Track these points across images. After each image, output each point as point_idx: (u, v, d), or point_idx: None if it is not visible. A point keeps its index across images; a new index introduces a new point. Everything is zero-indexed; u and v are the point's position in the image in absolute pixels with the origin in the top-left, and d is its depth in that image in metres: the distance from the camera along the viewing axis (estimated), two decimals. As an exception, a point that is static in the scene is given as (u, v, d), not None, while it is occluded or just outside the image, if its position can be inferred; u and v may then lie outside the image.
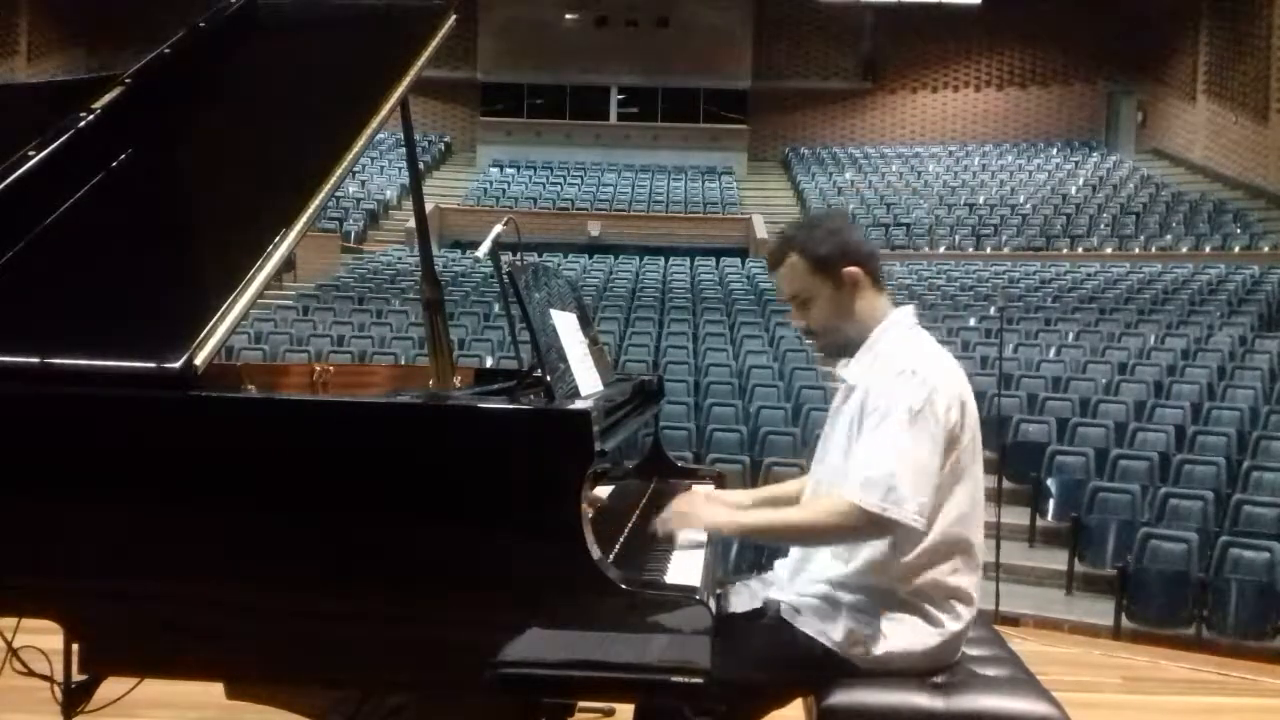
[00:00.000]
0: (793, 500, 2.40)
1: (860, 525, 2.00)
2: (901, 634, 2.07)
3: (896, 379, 2.05)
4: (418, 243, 3.00)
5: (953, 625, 2.11)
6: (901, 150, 25.06)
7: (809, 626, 2.10)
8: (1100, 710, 3.72)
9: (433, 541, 1.80)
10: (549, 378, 2.06)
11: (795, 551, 2.26)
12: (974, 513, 2.13)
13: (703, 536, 2.26)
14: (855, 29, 25.52)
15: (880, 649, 2.07)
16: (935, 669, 2.11)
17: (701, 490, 2.57)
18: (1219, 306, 13.49)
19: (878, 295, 2.22)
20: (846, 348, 2.22)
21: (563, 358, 2.24)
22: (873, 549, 2.07)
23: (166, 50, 2.56)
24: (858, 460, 2.04)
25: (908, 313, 2.23)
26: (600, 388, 2.40)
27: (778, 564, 2.33)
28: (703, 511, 2.20)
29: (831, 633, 2.08)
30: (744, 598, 2.28)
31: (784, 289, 2.25)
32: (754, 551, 6.26)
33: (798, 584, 2.19)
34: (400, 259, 17.25)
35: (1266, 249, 17.09)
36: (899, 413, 2.01)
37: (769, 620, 2.14)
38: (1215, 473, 8.03)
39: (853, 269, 2.17)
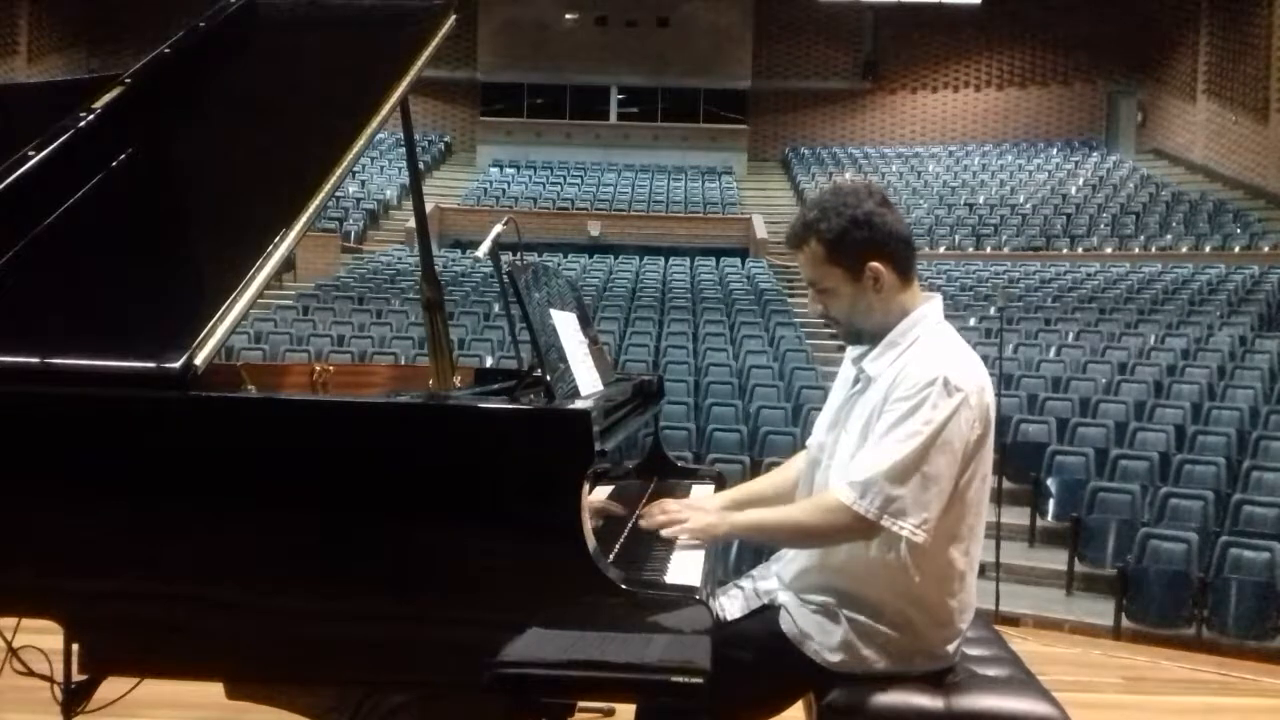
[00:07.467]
0: (781, 492, 2.35)
1: (850, 527, 1.96)
2: (902, 651, 2.05)
3: (927, 387, 1.94)
4: (418, 243, 3.00)
5: (952, 639, 2.10)
6: (901, 150, 25.05)
7: (806, 645, 2.07)
8: (1100, 710, 3.71)
9: (433, 542, 1.80)
10: (549, 377, 2.05)
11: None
12: (980, 526, 2.09)
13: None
14: (855, 29, 25.53)
15: (880, 665, 2.05)
16: (935, 674, 2.10)
17: (683, 500, 2.46)
18: (1219, 306, 13.49)
19: (904, 288, 2.06)
20: (863, 337, 2.11)
21: (563, 357, 2.24)
22: (883, 564, 2.02)
23: (166, 50, 2.55)
24: (862, 460, 1.96)
25: (935, 306, 2.10)
26: (600, 388, 2.39)
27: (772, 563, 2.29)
28: (691, 518, 2.10)
29: (829, 654, 2.05)
30: (738, 601, 2.24)
31: (804, 272, 2.12)
32: (754, 553, 6.24)
33: (790, 577, 2.14)
34: (400, 259, 17.25)
35: (1266, 249, 17.09)
36: (921, 424, 1.92)
37: (768, 633, 2.10)
38: (1215, 473, 8.04)
39: (876, 264, 2.02)
